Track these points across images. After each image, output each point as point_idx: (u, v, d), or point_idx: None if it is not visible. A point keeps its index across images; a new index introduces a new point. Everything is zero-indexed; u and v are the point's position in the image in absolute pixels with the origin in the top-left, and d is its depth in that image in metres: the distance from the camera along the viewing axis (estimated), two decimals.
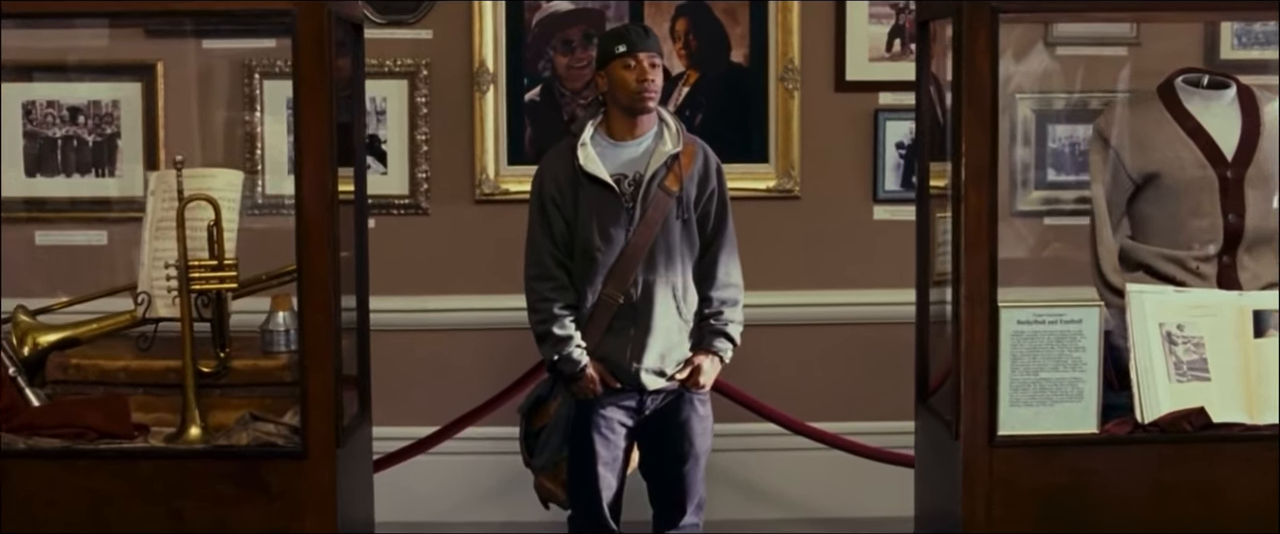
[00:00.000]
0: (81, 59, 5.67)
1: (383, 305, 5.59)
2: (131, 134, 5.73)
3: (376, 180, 5.68)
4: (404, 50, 5.71)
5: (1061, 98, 5.84)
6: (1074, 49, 5.80)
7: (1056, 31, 5.72)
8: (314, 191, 3.66)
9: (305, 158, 3.67)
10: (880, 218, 5.82)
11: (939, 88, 4.20)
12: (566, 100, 5.74)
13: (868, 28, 5.77)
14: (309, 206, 3.66)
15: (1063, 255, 5.86)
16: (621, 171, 4.68)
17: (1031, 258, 5.82)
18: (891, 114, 5.77)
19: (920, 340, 4.28)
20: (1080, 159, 5.83)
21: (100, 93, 5.71)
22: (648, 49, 4.63)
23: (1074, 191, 5.84)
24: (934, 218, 4.23)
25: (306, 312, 3.67)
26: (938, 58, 4.19)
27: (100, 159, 5.74)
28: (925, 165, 4.24)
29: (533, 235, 4.77)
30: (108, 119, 5.73)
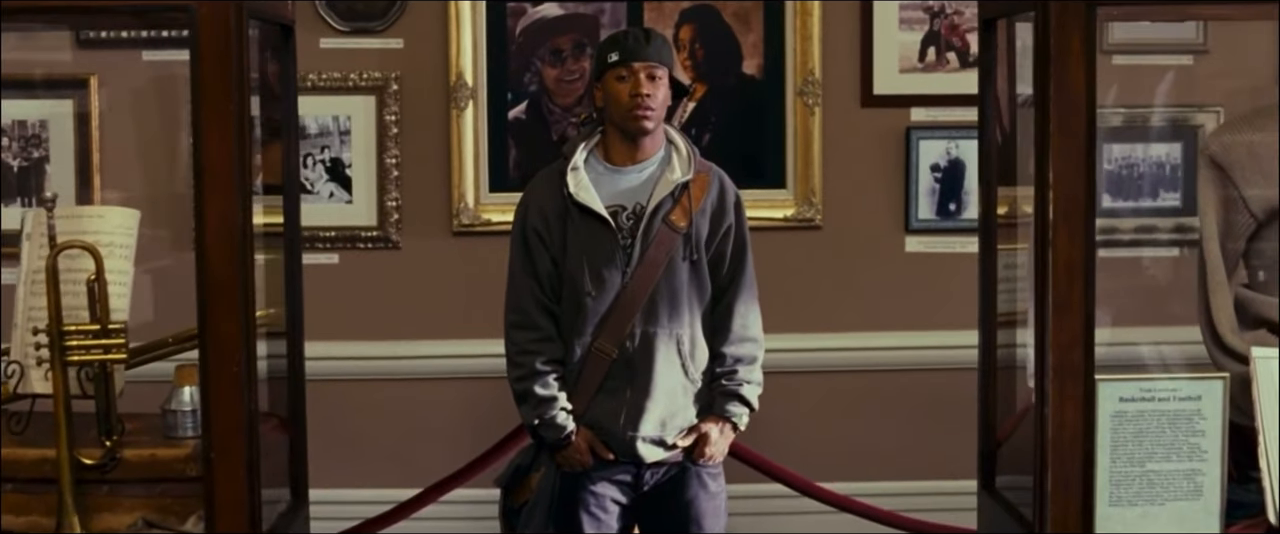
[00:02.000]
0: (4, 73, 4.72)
1: (349, 352, 4.70)
2: (62, 157, 4.78)
3: (341, 210, 4.75)
4: (371, 62, 4.78)
5: (1117, 113, 4.89)
6: (1133, 57, 4.84)
7: (1113, 37, 4.77)
8: (218, 235, 2.71)
9: (207, 192, 2.72)
10: (913, 250, 4.88)
11: (1007, 101, 3.26)
12: (556, 118, 4.80)
13: (898, 35, 4.83)
14: (211, 254, 2.71)
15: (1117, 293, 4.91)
16: (619, 202, 3.74)
17: None
18: (925, 132, 4.83)
19: (985, 411, 3.33)
20: (1139, 183, 4.88)
21: (26, 111, 4.77)
22: (645, 58, 3.69)
23: (1132, 220, 4.89)
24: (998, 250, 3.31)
25: (211, 389, 2.72)
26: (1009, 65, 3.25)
27: (26, 187, 4.80)
28: (990, 195, 3.29)
29: (514, 275, 3.83)
30: (35, 141, 4.79)
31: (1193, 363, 3.71)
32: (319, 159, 4.81)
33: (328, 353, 4.79)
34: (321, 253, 4.83)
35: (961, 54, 4.85)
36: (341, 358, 4.82)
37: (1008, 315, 3.41)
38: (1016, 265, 3.47)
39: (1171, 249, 4.91)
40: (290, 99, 3.23)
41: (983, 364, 3.38)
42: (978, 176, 3.35)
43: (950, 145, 4.85)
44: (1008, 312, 3.41)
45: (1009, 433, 3.38)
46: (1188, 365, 3.74)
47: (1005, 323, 3.41)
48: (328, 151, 4.80)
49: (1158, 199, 4.89)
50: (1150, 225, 4.87)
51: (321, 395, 4.79)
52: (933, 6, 4.84)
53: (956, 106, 4.84)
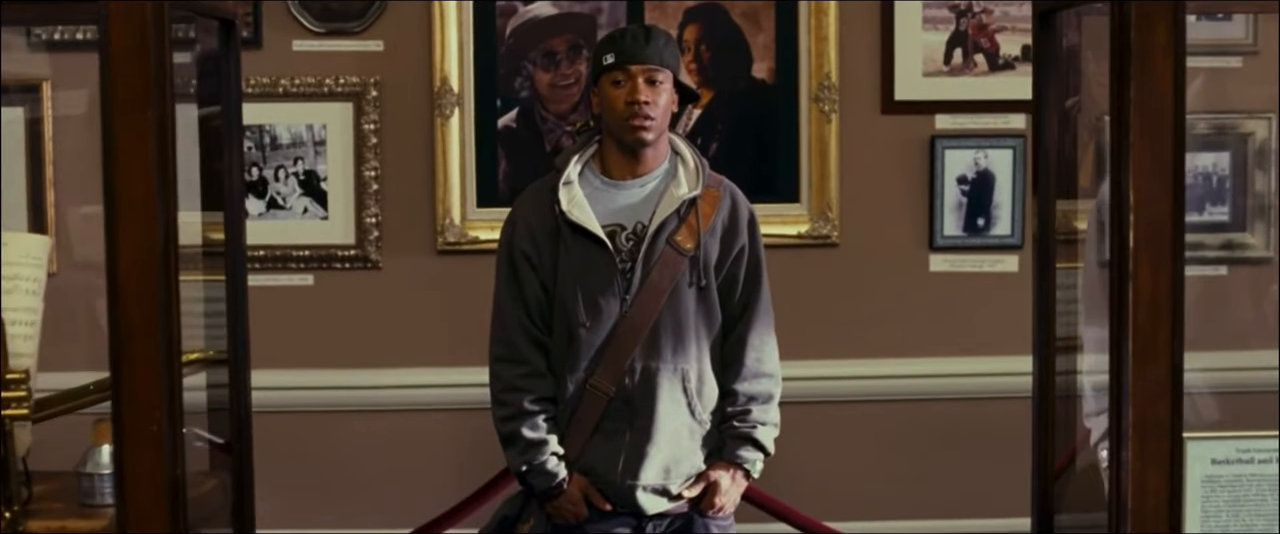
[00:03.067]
0: None
1: (324, 381, 4.20)
2: (13, 168, 4.28)
3: (316, 227, 4.25)
4: (348, 66, 4.27)
5: None
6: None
7: None
8: (134, 271, 2.19)
9: (120, 220, 2.21)
10: (938, 270, 4.37)
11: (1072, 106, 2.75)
12: (550, 127, 4.29)
13: (921, 35, 4.32)
14: (125, 294, 2.19)
15: None
16: (617, 221, 3.23)
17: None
18: (952, 141, 4.32)
19: (1042, 457, 2.82)
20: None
21: None
22: (643, 60, 3.18)
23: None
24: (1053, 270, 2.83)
25: (127, 453, 2.20)
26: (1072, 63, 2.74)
27: None
28: (1047, 209, 2.79)
29: (499, 303, 3.33)
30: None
31: (1248, 391, 3.24)
32: (292, 172, 4.30)
33: (301, 382, 4.30)
34: (295, 274, 4.32)
35: (990, 56, 4.34)
36: (316, 387, 4.31)
37: (1066, 343, 2.92)
38: (1063, 285, 3.00)
39: (1219, 267, 4.40)
40: (231, 103, 2.71)
41: (1039, 406, 2.86)
42: (1031, 188, 2.85)
43: (979, 155, 4.34)
44: (1065, 338, 2.92)
45: (1061, 469, 2.88)
46: (1245, 395, 3.27)
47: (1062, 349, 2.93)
48: (301, 163, 4.29)
49: (1204, 213, 4.38)
50: (1197, 241, 4.35)
51: (294, 428, 4.30)
52: (959, 5, 4.33)
53: (985, 113, 4.35)
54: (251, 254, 4.26)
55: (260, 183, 4.30)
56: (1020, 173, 4.34)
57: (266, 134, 4.29)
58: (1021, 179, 4.34)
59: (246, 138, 4.27)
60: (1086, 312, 3.11)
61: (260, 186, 4.30)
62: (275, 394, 4.28)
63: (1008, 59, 4.34)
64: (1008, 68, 4.34)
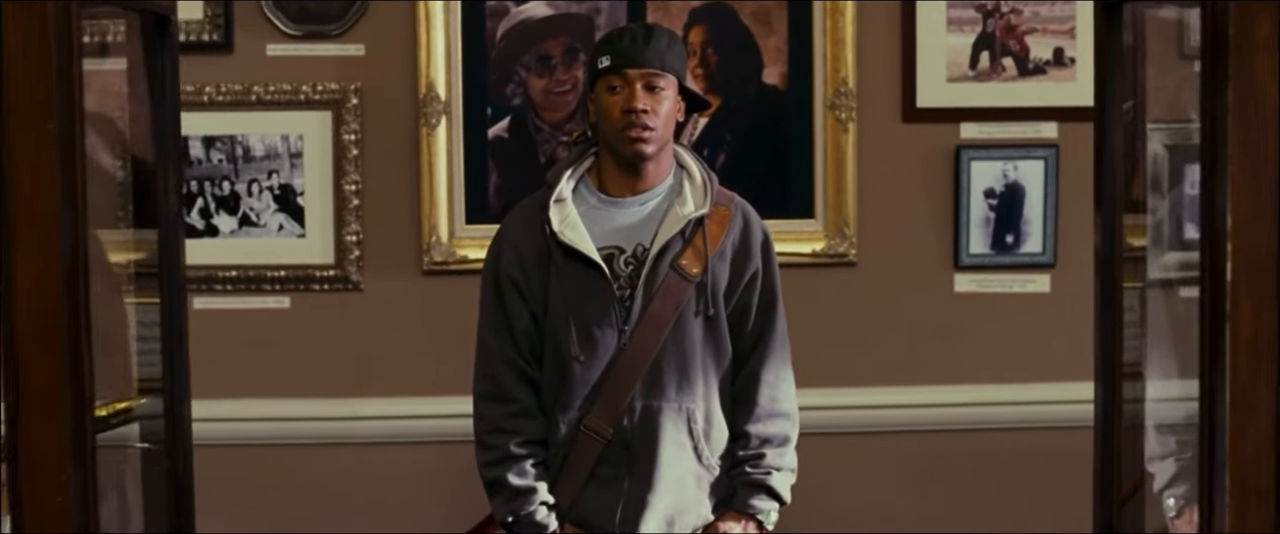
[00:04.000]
0: None
1: (301, 411, 3.81)
2: None
3: (292, 246, 3.84)
4: (327, 71, 3.86)
5: None
6: None
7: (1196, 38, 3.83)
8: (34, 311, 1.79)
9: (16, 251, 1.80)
10: (964, 290, 3.97)
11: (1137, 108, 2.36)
12: (545, 137, 3.88)
13: (945, 37, 3.91)
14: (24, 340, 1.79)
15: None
16: (615, 243, 2.84)
17: (1175, 347, 3.92)
18: (979, 152, 3.91)
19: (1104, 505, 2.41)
20: None
21: None
22: (643, 62, 2.78)
23: None
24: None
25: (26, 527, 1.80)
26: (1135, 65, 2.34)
27: None
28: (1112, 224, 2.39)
29: (484, 334, 2.93)
30: None
31: None
32: (265, 186, 3.89)
33: (276, 412, 3.90)
34: (270, 296, 3.92)
35: (1019, 60, 3.94)
36: (292, 418, 3.91)
37: (1132, 368, 2.55)
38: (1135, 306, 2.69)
39: None
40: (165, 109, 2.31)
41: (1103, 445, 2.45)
42: (1094, 202, 2.45)
43: (1007, 167, 3.93)
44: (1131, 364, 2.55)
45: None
46: None
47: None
48: (276, 177, 3.89)
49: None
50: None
51: (267, 462, 3.89)
52: (986, 5, 3.93)
53: (1014, 121, 3.94)
54: (223, 275, 3.88)
55: (232, 198, 3.90)
56: (1052, 185, 3.93)
57: (238, 145, 3.89)
58: (1053, 192, 3.94)
59: (217, 148, 3.87)
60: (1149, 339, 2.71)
61: (232, 202, 3.90)
62: (247, 426, 3.90)
63: (1039, 63, 3.94)
64: (1039, 72, 3.94)
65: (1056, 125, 3.93)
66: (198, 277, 3.87)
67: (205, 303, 3.89)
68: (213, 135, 3.87)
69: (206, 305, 3.89)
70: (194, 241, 3.86)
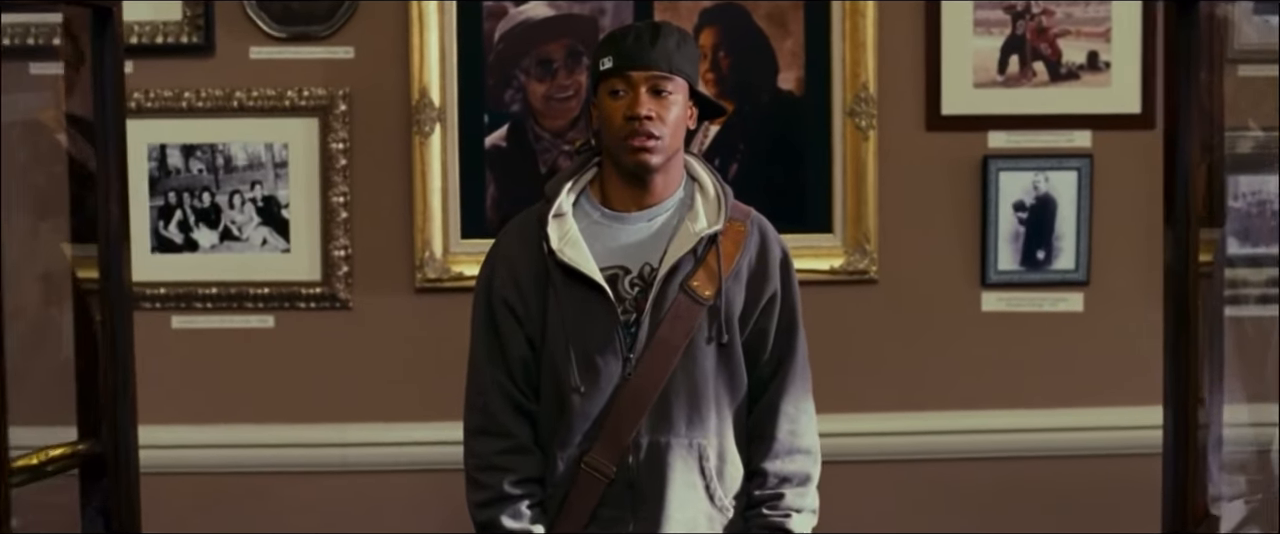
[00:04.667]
0: None
1: (285, 437, 3.54)
2: None
3: (276, 261, 3.55)
4: (313, 75, 3.58)
5: (1249, 138, 3.66)
6: (1265, 68, 3.61)
7: (1241, 40, 3.56)
8: None
9: None
10: (991, 309, 3.68)
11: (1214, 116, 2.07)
12: (545, 146, 3.59)
13: (972, 41, 3.62)
14: None
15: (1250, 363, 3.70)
16: (620, 262, 2.54)
17: (1244, 372, 3.63)
18: (1007, 162, 3.62)
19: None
20: (1274, 223, 3.65)
21: None
22: (647, 64, 2.49)
23: (1268, 270, 3.65)
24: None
25: None
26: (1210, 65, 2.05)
27: None
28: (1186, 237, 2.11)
29: (476, 362, 2.63)
30: None
31: None
32: (248, 198, 3.60)
33: (259, 439, 3.63)
34: (253, 314, 3.63)
35: (1051, 64, 3.64)
36: (277, 445, 3.63)
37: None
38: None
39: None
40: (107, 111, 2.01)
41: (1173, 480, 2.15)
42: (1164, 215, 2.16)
43: (1038, 178, 3.64)
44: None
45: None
46: None
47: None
48: (259, 188, 3.60)
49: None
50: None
51: (250, 491, 3.60)
52: (1015, 6, 3.63)
53: (1046, 129, 3.65)
54: (203, 293, 3.60)
55: (213, 210, 3.61)
56: (1085, 198, 3.64)
57: (219, 154, 3.60)
58: (1087, 205, 3.64)
59: (197, 158, 3.59)
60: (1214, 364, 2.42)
61: (213, 215, 3.61)
62: (229, 452, 3.62)
63: (1072, 67, 3.64)
64: (1072, 77, 3.64)
65: (1090, 134, 3.64)
66: (176, 294, 3.60)
67: (184, 322, 3.62)
68: (192, 143, 3.59)
69: (185, 325, 3.62)
70: (172, 257, 3.59)
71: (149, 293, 3.60)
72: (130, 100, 3.57)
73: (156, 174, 3.60)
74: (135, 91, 3.58)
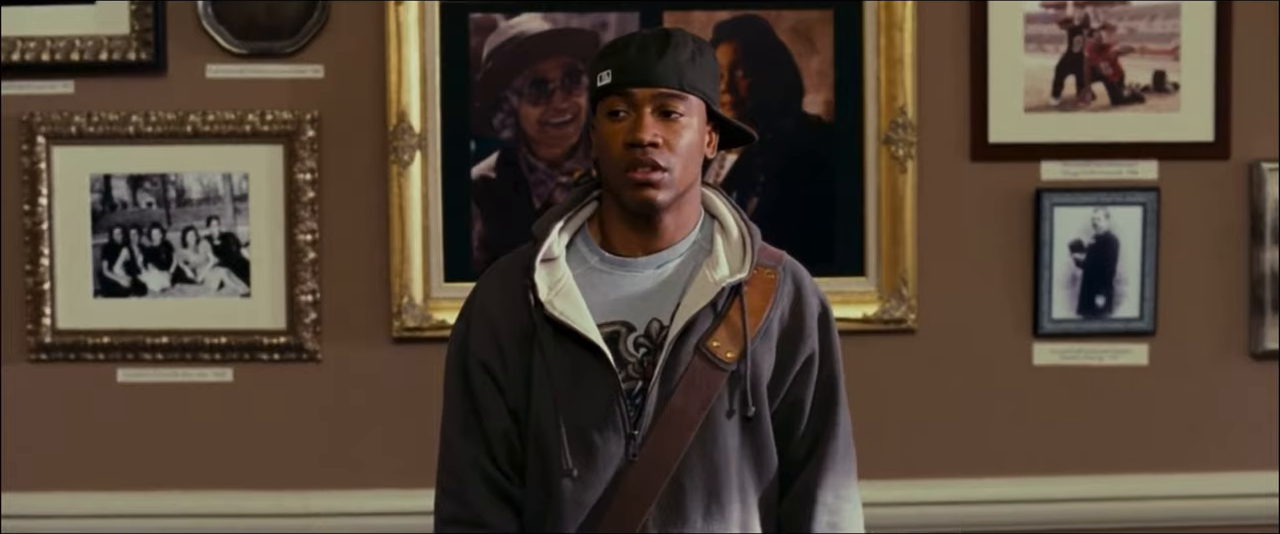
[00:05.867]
0: None
1: (246, 506, 3.10)
2: None
3: (235, 307, 3.08)
4: (278, 97, 3.10)
5: None
6: None
7: None
8: None
9: None
10: (1045, 363, 3.18)
11: None
12: (540, 177, 3.09)
13: (1023, 59, 3.11)
14: None
15: None
16: (622, 318, 2.04)
17: None
18: (1064, 197, 3.12)
19: None
20: None
21: None
22: (653, 80, 2.00)
23: None
24: None
25: None
26: None
27: None
28: None
29: (448, 437, 2.13)
30: None
31: None
32: (204, 235, 3.11)
33: (214, 507, 3.18)
34: (208, 367, 3.14)
35: (1113, 86, 3.14)
36: (234, 514, 3.15)
37: None
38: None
39: None
40: None
41: None
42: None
43: (1098, 215, 3.13)
44: None
45: None
46: None
47: None
48: (216, 224, 3.10)
49: None
50: None
51: None
52: (1072, 20, 3.12)
53: (1106, 159, 3.16)
54: (152, 342, 3.11)
55: (163, 249, 3.11)
56: (1151, 237, 3.13)
57: (171, 186, 3.10)
58: (1153, 245, 3.14)
59: (146, 190, 3.09)
60: None
61: (163, 254, 3.11)
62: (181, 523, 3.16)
63: (1135, 89, 3.14)
64: (1135, 101, 3.14)
65: (1156, 164, 3.14)
66: (122, 344, 3.11)
67: (130, 375, 3.14)
68: (140, 174, 3.10)
69: (132, 378, 3.13)
70: (117, 302, 3.11)
71: (91, 342, 3.11)
72: (70, 125, 3.09)
73: (100, 208, 3.10)
74: (76, 115, 3.09)
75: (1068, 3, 3.12)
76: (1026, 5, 3.11)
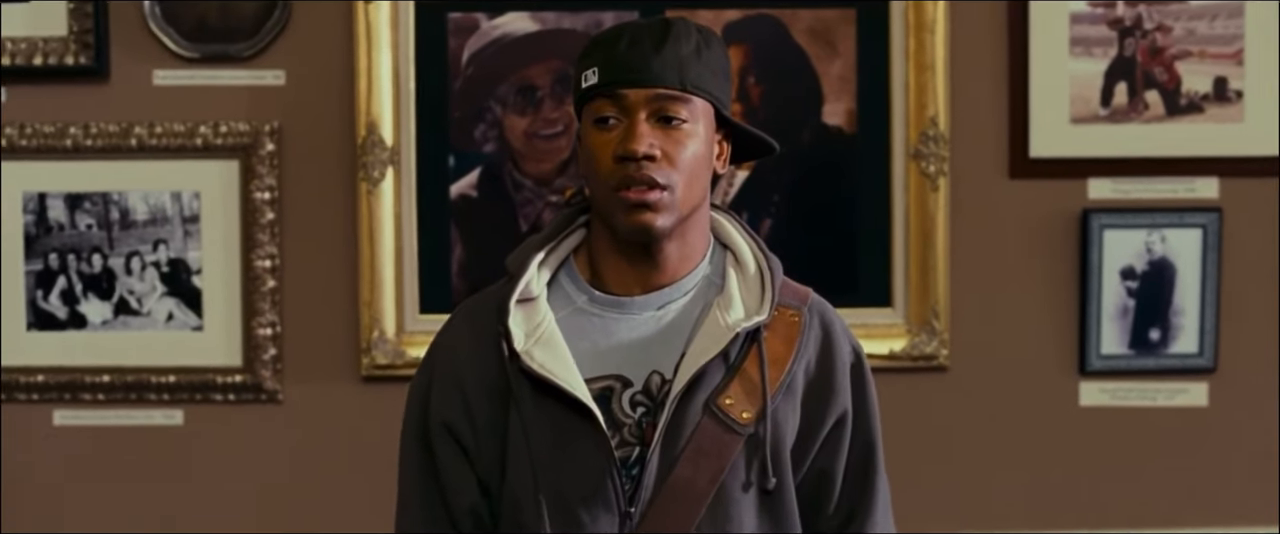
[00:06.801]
0: None
1: None
2: None
3: (186, 341, 2.74)
4: (234, 107, 2.74)
5: None
6: None
7: None
8: None
9: None
10: (1093, 404, 2.81)
11: None
12: (527, 196, 2.71)
13: (1068, 63, 2.74)
14: None
15: None
16: (616, 371, 1.66)
17: None
18: (1113, 218, 2.75)
19: None
20: None
21: None
22: (649, 78, 1.62)
23: None
24: None
25: None
26: None
27: None
28: None
29: (407, 506, 1.72)
30: None
31: None
32: (149, 261, 2.74)
33: None
34: (156, 408, 2.78)
35: (1168, 94, 2.75)
36: None
37: None
38: None
39: None
40: None
41: None
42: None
43: (1152, 238, 2.76)
44: None
45: None
46: None
47: None
48: (164, 249, 2.73)
49: None
50: None
51: None
52: (1123, 19, 2.73)
53: (1161, 176, 2.79)
54: (92, 381, 2.75)
55: (105, 276, 2.73)
56: (1212, 263, 2.76)
57: (114, 206, 2.72)
58: (1214, 272, 2.76)
59: (85, 210, 2.71)
60: None
61: (105, 282, 2.73)
62: None
63: (1193, 97, 2.75)
64: (1194, 111, 2.76)
65: (1217, 181, 2.77)
66: (59, 383, 2.75)
67: (68, 417, 2.78)
68: (79, 193, 2.72)
69: (70, 420, 2.78)
70: (54, 335, 2.76)
71: (24, 381, 2.74)
72: (1, 137, 2.69)
73: (34, 231, 2.73)
74: (8, 126, 2.70)
75: (1118, 1, 2.74)
76: (1072, 4, 2.73)
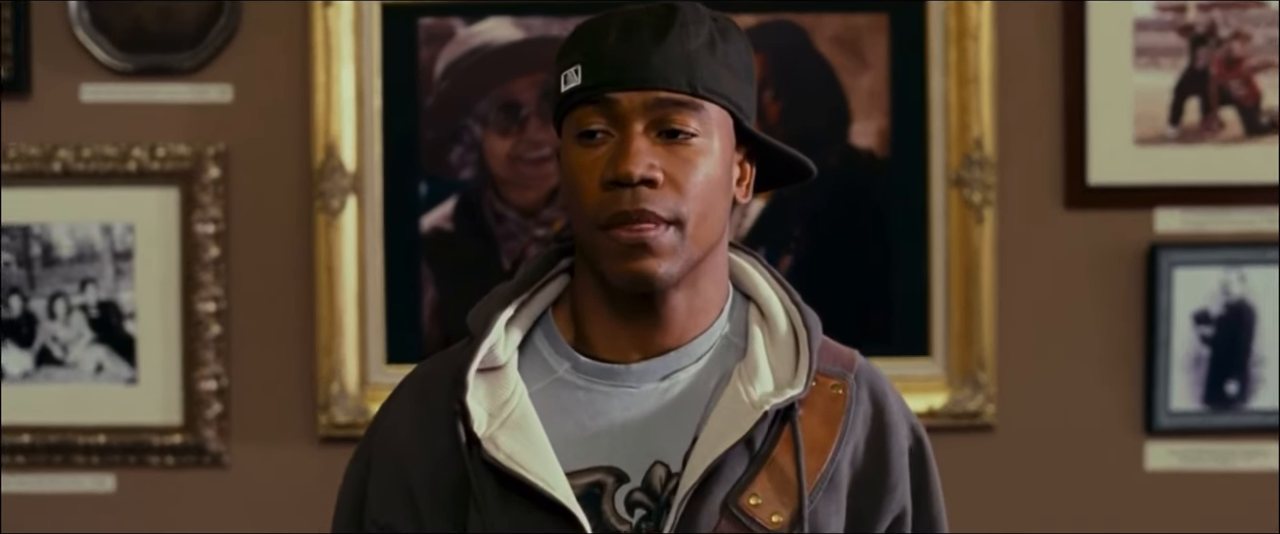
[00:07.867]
0: None
1: None
2: None
3: (118, 396, 2.42)
4: (173, 127, 2.39)
5: None
6: None
7: None
8: None
9: None
10: (1161, 467, 2.46)
11: None
12: (510, 229, 2.33)
13: (1132, 76, 2.36)
14: None
15: None
16: (606, 462, 1.27)
17: None
18: (1185, 254, 2.38)
19: None
20: None
21: None
22: (649, 80, 1.20)
23: None
24: None
25: None
26: None
27: None
28: None
29: None
30: None
31: None
32: (76, 303, 2.36)
33: None
34: (84, 472, 2.41)
35: (1247, 111, 2.37)
36: None
37: None
38: None
39: None
40: None
41: None
42: None
43: (1231, 277, 2.38)
44: None
45: None
46: None
47: None
48: (93, 289, 2.35)
49: None
50: None
51: None
52: (1194, 25, 2.34)
53: (1240, 206, 2.42)
54: (11, 441, 2.40)
55: (24, 322, 2.36)
56: None
57: (35, 240, 2.35)
58: None
59: (2, 246, 2.32)
60: None
61: (24, 328, 2.36)
62: None
63: (1275, 116, 2.36)
64: (1276, 130, 2.37)
65: None
66: None
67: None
68: None
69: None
70: None
71: None
72: None
73: None
74: None
75: (1189, 5, 2.34)
76: (1136, 6, 2.34)
